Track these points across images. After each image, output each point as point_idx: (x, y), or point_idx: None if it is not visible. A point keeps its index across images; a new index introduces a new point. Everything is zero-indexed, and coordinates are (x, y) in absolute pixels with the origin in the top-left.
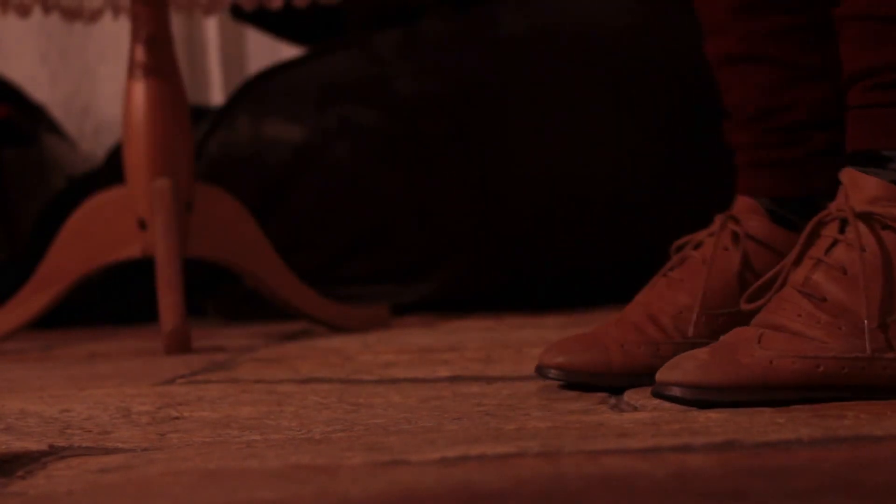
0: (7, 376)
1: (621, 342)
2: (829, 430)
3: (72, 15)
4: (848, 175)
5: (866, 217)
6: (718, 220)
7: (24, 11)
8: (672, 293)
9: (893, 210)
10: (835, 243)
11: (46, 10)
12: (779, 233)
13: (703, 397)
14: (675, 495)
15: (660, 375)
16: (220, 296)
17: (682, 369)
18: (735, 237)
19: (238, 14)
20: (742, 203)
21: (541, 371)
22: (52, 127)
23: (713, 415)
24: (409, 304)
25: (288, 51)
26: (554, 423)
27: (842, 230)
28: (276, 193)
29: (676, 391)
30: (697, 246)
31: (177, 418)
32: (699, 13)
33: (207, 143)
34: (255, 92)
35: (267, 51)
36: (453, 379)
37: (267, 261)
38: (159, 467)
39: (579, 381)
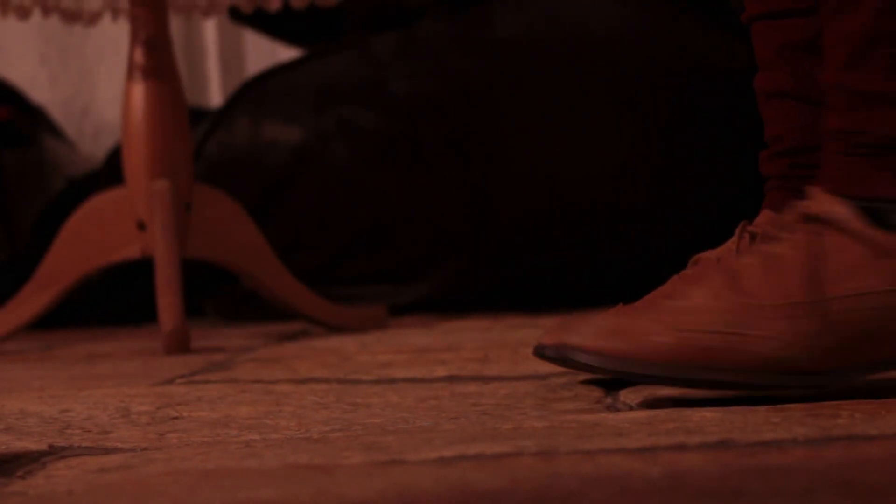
0: (7, 376)
1: None
2: (824, 430)
3: (71, 17)
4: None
5: (813, 219)
6: (739, 228)
7: (23, 13)
8: (682, 286)
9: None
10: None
11: (46, 11)
12: None
13: (573, 357)
14: (670, 494)
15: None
16: (219, 296)
17: (576, 332)
18: (752, 238)
19: (236, 16)
20: (765, 215)
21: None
22: (52, 128)
23: (707, 413)
24: (406, 304)
25: (286, 53)
26: (550, 422)
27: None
28: (274, 194)
29: (549, 352)
30: None
31: (176, 418)
32: (755, 48)
33: (206, 145)
34: (253, 93)
35: (265, 53)
36: (451, 379)
37: (265, 261)
38: (158, 467)
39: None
